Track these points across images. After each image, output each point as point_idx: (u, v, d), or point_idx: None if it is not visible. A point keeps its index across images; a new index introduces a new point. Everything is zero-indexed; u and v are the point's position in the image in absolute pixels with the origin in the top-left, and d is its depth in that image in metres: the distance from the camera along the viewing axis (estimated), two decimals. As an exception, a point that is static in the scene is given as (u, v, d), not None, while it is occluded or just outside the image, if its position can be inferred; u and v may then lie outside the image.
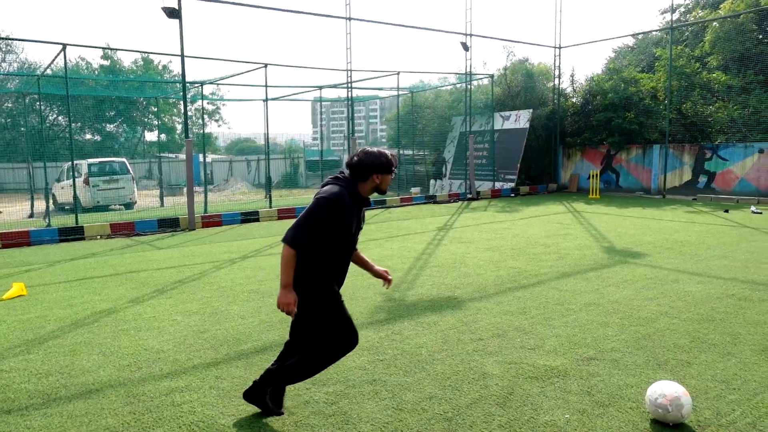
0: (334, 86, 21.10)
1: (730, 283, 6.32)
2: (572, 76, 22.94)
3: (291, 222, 13.34)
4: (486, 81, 23.28)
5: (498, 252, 8.48)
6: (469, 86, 19.89)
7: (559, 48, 21.99)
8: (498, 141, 21.00)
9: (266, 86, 16.54)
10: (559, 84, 22.21)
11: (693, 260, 7.64)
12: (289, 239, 2.98)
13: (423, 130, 24.40)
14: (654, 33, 26.46)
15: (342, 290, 6.29)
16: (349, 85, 16.57)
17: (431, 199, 17.77)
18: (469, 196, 18.48)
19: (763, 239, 9.33)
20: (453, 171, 22.11)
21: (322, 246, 3.08)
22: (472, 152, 19.12)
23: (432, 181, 22.38)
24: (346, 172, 3.20)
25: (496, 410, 3.41)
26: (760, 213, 13.11)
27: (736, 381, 3.72)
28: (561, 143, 21.67)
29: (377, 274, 3.50)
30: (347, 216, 3.05)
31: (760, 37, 19.25)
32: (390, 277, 3.53)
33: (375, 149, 3.17)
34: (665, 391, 3.17)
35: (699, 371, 3.89)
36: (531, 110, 20.74)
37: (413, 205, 16.98)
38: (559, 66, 22.10)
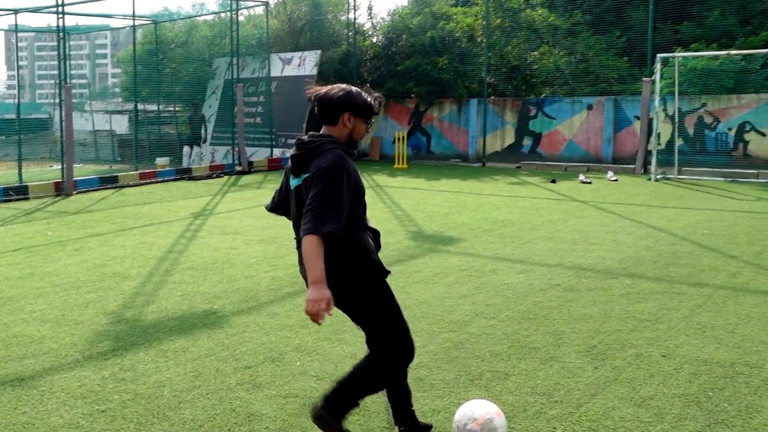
0: (37, 10, 19.36)
1: (554, 270, 7.14)
2: (370, 8, 23.95)
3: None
4: (260, 10, 23.21)
5: (275, 245, 8.55)
6: (235, 17, 19.61)
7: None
8: (277, 92, 21.12)
9: None
10: (354, 18, 23.02)
11: (515, 244, 8.49)
12: (310, 228, 3.06)
13: (173, 77, 23.57)
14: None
15: (49, 311, 5.83)
16: (60, 8, 15.34)
17: (185, 174, 17.31)
18: (239, 168, 18.39)
19: (592, 215, 10.73)
20: (216, 134, 21.70)
21: (353, 222, 3.26)
22: (242, 108, 18.95)
23: (186, 149, 21.76)
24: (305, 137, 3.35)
25: (266, 466, 3.40)
26: (590, 182, 15.09)
27: (558, 392, 4.19)
28: (360, 96, 22.46)
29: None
30: (357, 174, 3.29)
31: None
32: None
33: (354, 87, 3.35)
34: (475, 413, 3.41)
35: (517, 384, 4.30)
36: (319, 51, 21.20)
37: (159, 182, 16.38)
38: (354, -7, 22.89)
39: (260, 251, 8.19)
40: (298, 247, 3.32)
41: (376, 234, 3.46)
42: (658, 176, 15.67)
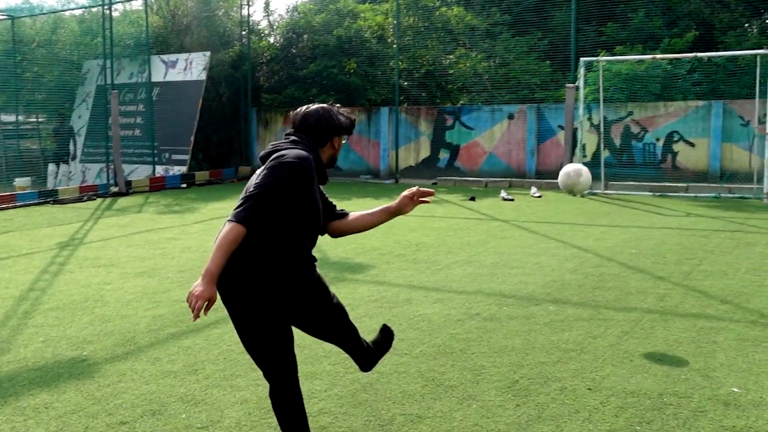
0: None
1: (474, 298, 7.31)
2: (267, 4, 23.99)
3: None
4: (138, 5, 22.89)
5: (158, 278, 8.45)
6: (109, 12, 19.27)
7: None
8: (159, 100, 20.86)
9: None
10: (249, 15, 22.99)
11: (430, 270, 8.64)
12: (241, 216, 3.29)
13: (35, 82, 22.93)
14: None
15: None
16: None
17: (50, 197, 16.87)
18: (115, 189, 18.06)
19: (515, 235, 11.03)
20: (87, 149, 21.22)
21: (287, 228, 3.49)
22: (117, 118, 18.59)
23: (51, 167, 21.13)
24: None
25: None
26: (512, 200, 15.51)
27: (475, 433, 4.30)
28: (254, 104, 22.47)
29: (401, 209, 3.90)
30: (315, 187, 3.54)
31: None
32: (411, 191, 3.87)
33: (327, 106, 3.71)
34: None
35: (432, 427, 4.39)
36: (209, 53, 21.07)
37: (18, 207, 15.90)
38: (248, -12, 22.89)
39: (139, 286, 8.06)
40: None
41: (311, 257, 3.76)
42: (585, 191, 16.23)
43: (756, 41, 18.32)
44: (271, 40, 23.78)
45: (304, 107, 3.72)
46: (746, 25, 19.86)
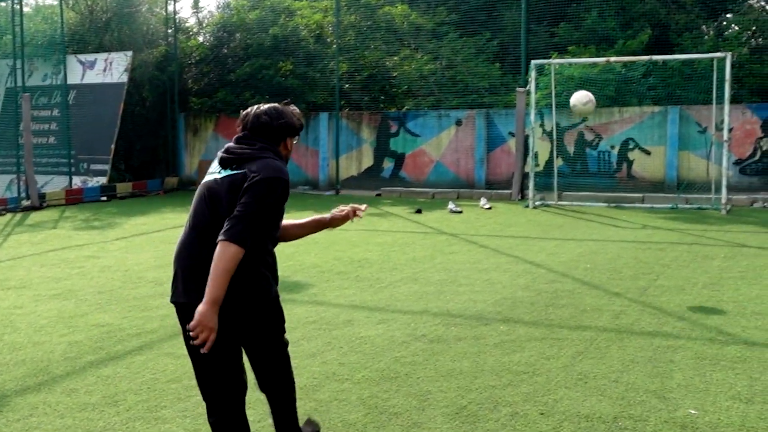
0: None
1: (420, 318, 7.34)
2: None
3: None
4: None
5: (74, 300, 8.32)
6: (19, 6, 18.95)
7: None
8: (76, 104, 20.59)
9: None
10: (175, 12, 22.84)
11: (373, 288, 8.66)
12: (241, 238, 3.43)
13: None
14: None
15: None
16: None
17: (-45, 211, 16.44)
18: (27, 202, 17.74)
19: (463, 250, 11.12)
20: (-4, 158, 20.81)
21: (262, 241, 3.69)
22: (29, 124, 18.27)
23: (-45, 178, 20.69)
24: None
25: None
26: (460, 212, 15.63)
27: (420, 464, 4.33)
28: (182, 109, 22.28)
29: (332, 223, 4.37)
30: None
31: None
32: (346, 209, 4.34)
33: (278, 106, 3.84)
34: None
35: (374, 458, 4.41)
36: (131, 53, 20.86)
37: None
38: (174, -17, 22.75)
39: (54, 309, 7.91)
40: (192, 233, 3.63)
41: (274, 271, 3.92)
42: (537, 203, 16.47)
43: (712, 44, 18.80)
44: (201, 39, 23.65)
45: (255, 107, 3.83)
46: (703, 27, 20.40)
